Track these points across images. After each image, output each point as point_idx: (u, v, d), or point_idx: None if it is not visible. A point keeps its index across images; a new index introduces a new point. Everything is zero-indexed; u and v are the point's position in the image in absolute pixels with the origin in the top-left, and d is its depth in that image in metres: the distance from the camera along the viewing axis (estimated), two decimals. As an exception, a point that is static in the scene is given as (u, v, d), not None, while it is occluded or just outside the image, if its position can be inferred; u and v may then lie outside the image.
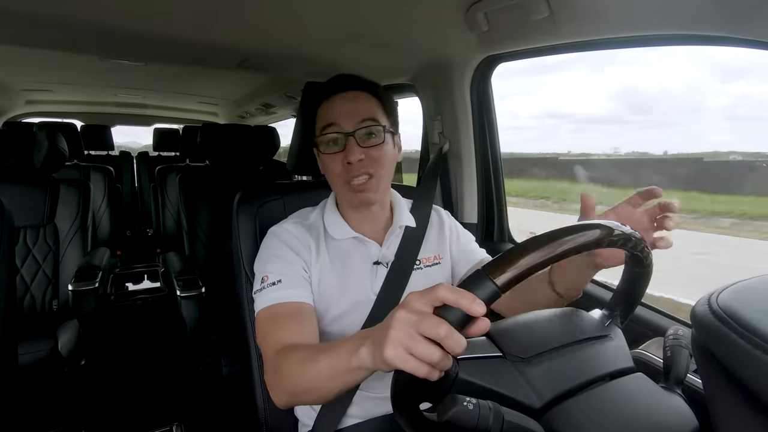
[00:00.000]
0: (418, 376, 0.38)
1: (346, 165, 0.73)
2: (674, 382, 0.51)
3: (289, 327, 0.67)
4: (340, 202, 0.83)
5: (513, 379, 0.45)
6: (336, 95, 0.76)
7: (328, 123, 0.74)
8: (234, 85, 2.44)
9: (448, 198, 1.42)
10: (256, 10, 0.99)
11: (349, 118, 0.73)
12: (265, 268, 0.74)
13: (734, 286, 0.36)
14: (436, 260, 0.86)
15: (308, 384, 0.55)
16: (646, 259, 0.50)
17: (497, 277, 0.38)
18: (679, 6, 0.71)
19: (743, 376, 0.31)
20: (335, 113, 0.74)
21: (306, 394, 0.57)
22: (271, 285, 0.71)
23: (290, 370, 0.57)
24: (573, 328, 0.53)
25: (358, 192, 0.74)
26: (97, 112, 3.23)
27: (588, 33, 0.91)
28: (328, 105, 0.76)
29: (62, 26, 1.05)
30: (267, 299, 0.70)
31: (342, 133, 0.73)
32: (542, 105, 6.96)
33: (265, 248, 0.78)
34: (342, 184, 0.75)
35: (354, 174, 0.73)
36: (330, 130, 0.74)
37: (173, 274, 1.58)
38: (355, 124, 0.73)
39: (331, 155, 0.74)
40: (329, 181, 0.79)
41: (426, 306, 0.39)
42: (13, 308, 0.94)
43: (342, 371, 0.50)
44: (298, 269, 0.74)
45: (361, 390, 0.75)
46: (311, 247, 0.77)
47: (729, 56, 0.71)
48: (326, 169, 0.77)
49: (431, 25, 1.06)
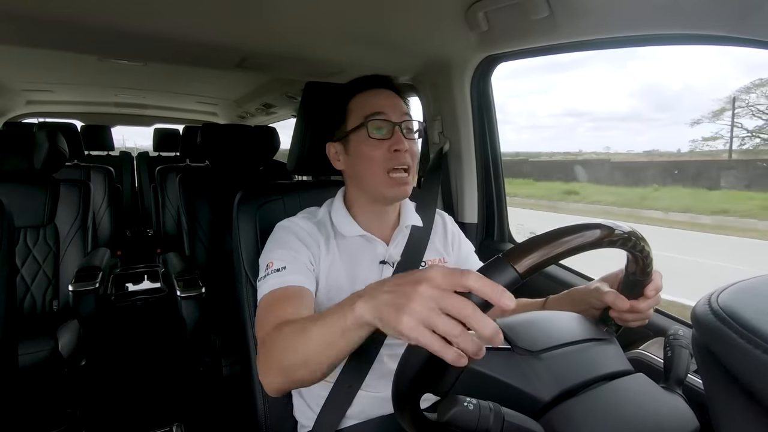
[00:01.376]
0: (432, 350, 0.36)
1: (393, 153, 0.74)
2: (675, 382, 0.51)
3: (286, 307, 0.66)
4: (355, 200, 0.82)
5: (521, 372, 0.45)
6: (374, 89, 0.79)
7: (376, 111, 0.75)
8: (234, 85, 2.44)
9: (448, 198, 1.42)
10: (255, 10, 0.99)
11: (394, 109, 0.76)
12: (270, 255, 0.74)
13: (734, 286, 0.36)
14: (441, 263, 0.86)
15: (301, 355, 0.52)
16: (646, 259, 0.50)
17: (518, 263, 0.38)
18: (679, 6, 0.71)
19: (743, 376, 0.31)
20: (381, 103, 0.76)
21: (301, 368, 0.53)
22: (275, 271, 0.70)
23: (283, 344, 0.55)
24: (578, 329, 0.54)
25: (400, 185, 0.75)
26: (97, 113, 3.23)
27: (588, 33, 0.91)
28: (369, 96, 0.78)
29: (62, 26, 1.05)
30: (269, 285, 0.69)
31: (390, 121, 0.75)
32: (561, 103, 7.00)
33: (273, 238, 0.78)
34: (382, 173, 0.75)
35: (398, 162, 0.74)
36: (379, 117, 0.75)
37: (173, 274, 1.58)
38: (400, 116, 0.76)
39: (377, 141, 0.74)
40: (364, 173, 0.77)
41: (450, 287, 0.37)
42: (13, 308, 0.94)
43: (338, 333, 0.47)
44: (303, 259, 0.74)
45: (362, 390, 0.76)
46: (320, 243, 0.77)
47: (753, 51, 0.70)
48: (366, 159, 0.76)
49: (431, 24, 1.06)
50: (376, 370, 0.76)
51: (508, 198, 1.39)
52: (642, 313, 0.56)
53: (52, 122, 2.79)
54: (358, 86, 0.80)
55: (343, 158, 0.80)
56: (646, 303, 0.56)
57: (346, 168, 0.81)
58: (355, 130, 0.77)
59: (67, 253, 1.69)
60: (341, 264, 0.78)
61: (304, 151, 0.93)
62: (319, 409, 0.77)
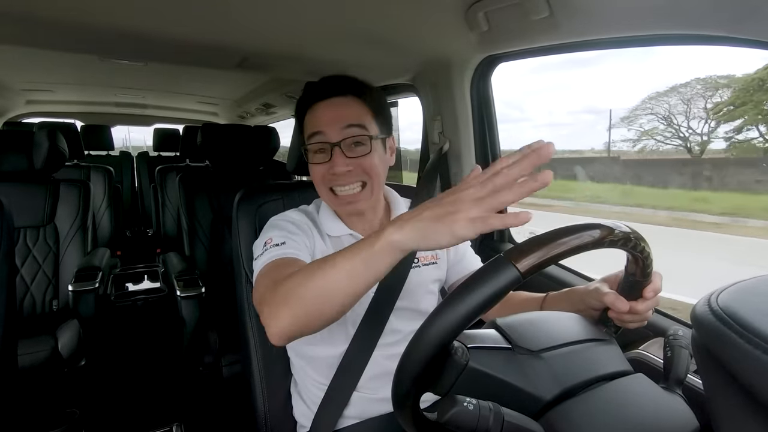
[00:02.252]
0: (494, 227, 0.41)
1: (331, 176, 0.72)
2: (674, 382, 0.51)
3: (292, 269, 0.60)
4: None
5: (521, 371, 0.45)
6: (321, 102, 0.74)
7: (314, 131, 0.72)
8: (234, 85, 2.44)
9: (448, 198, 1.41)
10: (255, 10, 0.99)
11: (334, 126, 0.71)
12: (267, 235, 0.72)
13: (734, 286, 0.36)
14: (433, 260, 0.86)
15: (321, 292, 0.49)
16: (646, 260, 0.50)
17: (519, 262, 0.38)
18: (679, 6, 0.71)
19: (743, 376, 0.31)
20: (321, 121, 0.72)
21: (319, 300, 0.49)
22: (274, 246, 0.68)
23: (300, 281, 0.51)
24: (578, 329, 0.54)
25: (347, 204, 0.74)
26: (97, 112, 3.23)
27: (588, 33, 0.91)
28: (313, 111, 0.74)
29: (62, 26, 1.05)
30: (267, 258, 0.66)
31: (327, 143, 0.71)
32: (580, 100, 7.03)
33: (267, 227, 0.77)
34: (326, 191, 0.75)
35: (338, 183, 0.72)
36: (315, 139, 0.72)
37: (173, 274, 1.58)
38: (341, 133, 0.71)
39: (317, 165, 0.73)
40: (317, 188, 0.78)
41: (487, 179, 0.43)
42: (13, 308, 0.94)
43: (365, 260, 0.46)
44: (300, 241, 0.72)
45: (358, 391, 0.76)
46: (314, 235, 0.77)
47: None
48: (314, 178, 0.76)
49: (431, 24, 1.06)
50: (371, 370, 0.76)
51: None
52: (641, 314, 0.56)
53: (52, 122, 2.79)
54: (309, 98, 0.75)
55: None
56: (644, 305, 0.56)
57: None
58: (304, 150, 0.75)
59: (67, 253, 1.69)
60: None
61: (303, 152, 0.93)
62: (317, 409, 0.77)
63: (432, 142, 1.45)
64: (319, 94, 0.74)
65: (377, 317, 0.77)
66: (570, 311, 0.60)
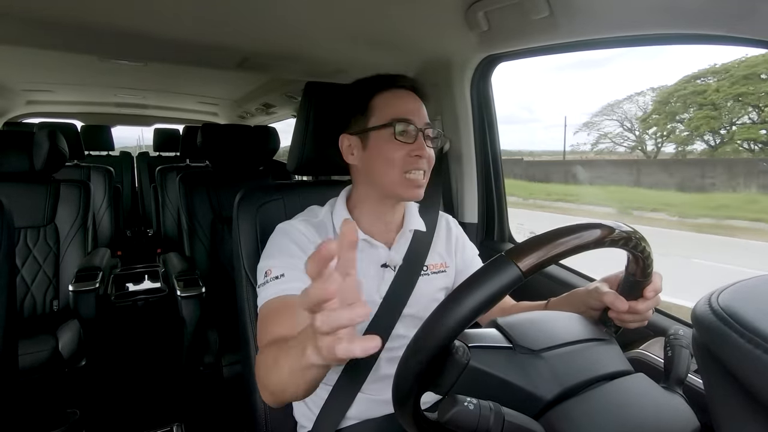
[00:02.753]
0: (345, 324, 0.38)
1: (413, 157, 0.75)
2: (675, 382, 0.51)
3: (281, 322, 0.66)
4: (360, 200, 0.82)
5: (522, 370, 0.45)
6: (403, 90, 0.79)
7: (404, 114, 0.76)
8: (234, 85, 2.44)
9: (448, 198, 1.42)
10: (256, 10, 0.99)
11: (419, 116, 0.77)
12: (268, 262, 0.73)
13: (735, 286, 0.36)
14: (442, 268, 0.86)
15: (279, 383, 0.55)
16: (647, 259, 0.50)
17: (521, 261, 0.39)
18: (679, 6, 0.71)
19: (744, 376, 0.31)
20: (408, 108, 0.77)
21: (281, 393, 0.57)
22: (274, 279, 0.70)
23: (266, 370, 0.58)
24: (578, 329, 0.54)
25: (416, 187, 0.76)
26: (97, 113, 3.23)
27: (588, 32, 0.91)
28: (395, 97, 0.78)
29: (62, 26, 1.05)
30: (268, 293, 0.69)
31: (416, 126, 0.76)
32: (598, 101, 7.30)
33: (272, 243, 0.77)
34: (399, 174, 0.75)
35: (416, 166, 0.75)
36: (406, 120, 0.75)
37: (173, 274, 1.58)
38: (423, 122, 0.77)
39: (399, 144, 0.75)
40: (379, 171, 0.76)
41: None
42: (13, 308, 0.94)
43: (298, 370, 0.50)
44: (301, 266, 0.72)
45: (362, 393, 0.76)
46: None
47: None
48: (385, 158, 0.75)
49: (431, 24, 1.06)
50: (374, 373, 0.76)
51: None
52: (641, 314, 0.56)
53: (52, 122, 2.79)
54: (383, 83, 0.79)
55: (358, 153, 0.79)
56: (644, 304, 0.56)
57: (359, 163, 0.79)
58: (378, 128, 0.76)
59: (68, 253, 1.69)
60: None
61: (304, 151, 0.93)
62: (319, 410, 0.77)
63: (432, 142, 1.44)
64: (403, 81, 0.80)
65: (383, 324, 0.77)
66: (575, 311, 0.61)
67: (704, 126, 4.84)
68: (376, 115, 0.77)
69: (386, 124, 0.75)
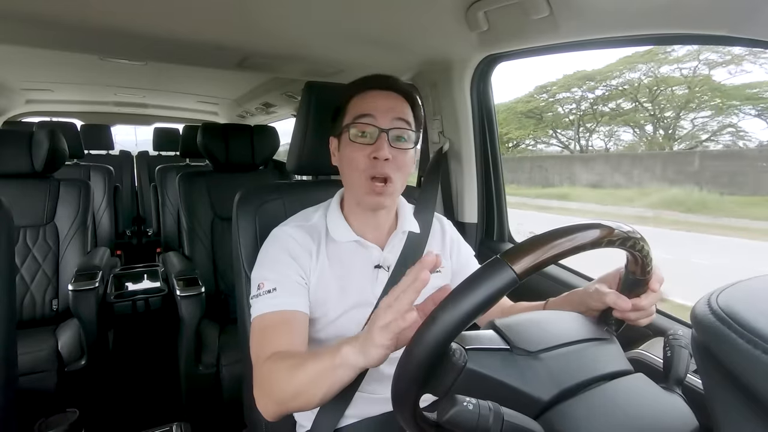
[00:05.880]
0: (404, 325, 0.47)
1: (372, 160, 0.72)
2: (674, 382, 0.51)
3: (280, 337, 0.67)
4: (347, 202, 0.82)
5: (520, 372, 0.45)
6: (376, 90, 0.76)
7: (364, 113, 0.73)
8: (234, 84, 2.44)
9: (448, 198, 1.42)
10: (256, 10, 0.99)
11: (385, 114, 0.73)
12: (261, 274, 0.73)
13: (734, 286, 0.36)
14: (437, 268, 0.86)
15: (295, 389, 0.57)
16: (646, 258, 0.50)
17: (516, 264, 0.38)
18: (679, 6, 0.71)
19: (743, 376, 0.31)
20: (373, 106, 0.74)
21: (293, 399, 0.58)
22: (267, 293, 0.70)
23: (278, 377, 0.59)
24: (577, 329, 0.54)
25: (376, 194, 0.73)
26: (97, 112, 3.23)
27: (588, 32, 0.91)
28: (363, 97, 0.75)
29: (62, 26, 1.05)
30: (261, 307, 0.70)
31: (376, 127, 0.72)
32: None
33: (265, 252, 0.77)
34: (364, 179, 0.73)
35: (376, 171, 0.72)
36: (365, 121, 0.73)
37: (173, 274, 1.58)
38: (389, 122, 0.73)
39: (359, 145, 0.73)
40: (347, 174, 0.77)
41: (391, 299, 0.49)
42: (13, 308, 0.94)
43: (328, 370, 0.53)
44: (294, 276, 0.73)
45: (360, 392, 0.76)
46: (312, 252, 0.76)
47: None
48: (348, 161, 0.74)
49: (431, 24, 1.06)
50: (373, 374, 0.76)
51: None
52: (645, 310, 0.57)
53: (52, 122, 2.79)
54: (362, 85, 0.78)
55: (337, 154, 0.79)
56: (648, 300, 0.56)
57: (339, 165, 0.80)
58: (345, 128, 0.75)
59: (67, 253, 1.69)
60: (331, 271, 0.76)
61: (303, 151, 0.93)
62: (318, 409, 0.77)
63: (432, 142, 1.45)
64: (376, 83, 0.76)
65: None
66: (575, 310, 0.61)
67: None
68: (346, 115, 0.76)
69: (347, 124, 0.75)
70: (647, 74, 5.24)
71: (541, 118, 6.60)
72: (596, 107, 6.03)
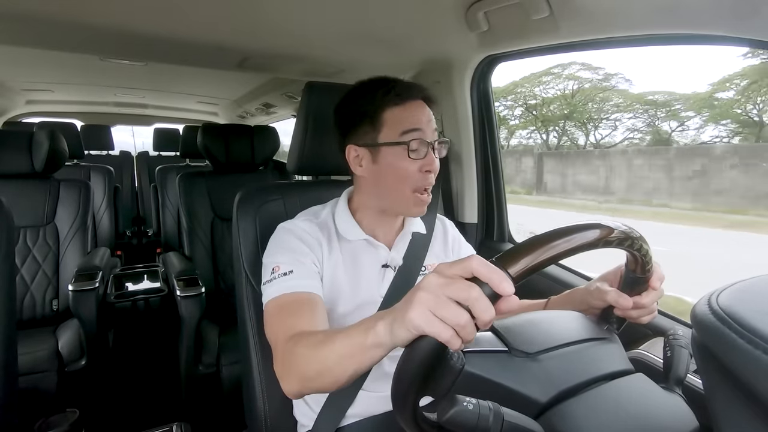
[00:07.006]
0: (441, 339, 0.38)
1: (424, 173, 0.73)
2: (674, 382, 0.51)
3: (302, 315, 0.65)
4: (362, 204, 0.81)
5: (518, 374, 0.45)
6: (413, 101, 0.74)
7: (414, 128, 0.72)
8: (234, 85, 2.44)
9: (448, 198, 1.42)
10: (256, 10, 0.99)
11: (428, 126, 0.74)
12: (275, 259, 0.72)
13: (734, 286, 0.36)
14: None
15: (322, 365, 0.53)
16: (645, 257, 0.50)
17: (511, 267, 0.38)
18: (680, 6, 0.71)
19: (743, 376, 0.31)
20: (418, 119, 0.73)
21: (319, 377, 0.54)
22: (282, 275, 0.69)
23: (305, 353, 0.55)
24: (576, 329, 0.54)
25: (423, 204, 0.76)
26: (97, 112, 3.23)
27: (588, 32, 0.91)
28: (405, 109, 0.73)
29: (62, 26, 1.05)
30: (277, 289, 0.68)
31: (426, 141, 0.73)
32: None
33: (276, 241, 0.76)
34: (409, 192, 0.74)
35: (427, 183, 0.74)
36: (417, 135, 0.72)
37: (173, 274, 1.58)
38: (432, 134, 0.74)
39: (411, 160, 0.72)
40: (390, 186, 0.75)
41: (456, 273, 0.39)
42: (13, 308, 0.94)
43: (358, 349, 0.48)
44: (309, 263, 0.73)
45: (362, 390, 0.76)
46: (323, 245, 0.76)
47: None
48: (398, 175, 0.73)
49: (431, 24, 1.06)
50: (375, 371, 0.75)
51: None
52: (647, 307, 0.57)
53: (52, 122, 2.79)
54: (396, 95, 0.74)
55: (368, 165, 0.76)
56: (649, 297, 0.56)
57: (368, 176, 0.77)
58: (390, 144, 0.73)
59: (67, 253, 1.69)
60: (344, 267, 0.77)
61: (304, 151, 0.93)
62: (320, 408, 0.77)
63: (432, 142, 1.44)
64: (410, 92, 0.75)
65: None
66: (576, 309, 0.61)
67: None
68: (387, 128, 0.73)
69: (399, 141, 0.73)
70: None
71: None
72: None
